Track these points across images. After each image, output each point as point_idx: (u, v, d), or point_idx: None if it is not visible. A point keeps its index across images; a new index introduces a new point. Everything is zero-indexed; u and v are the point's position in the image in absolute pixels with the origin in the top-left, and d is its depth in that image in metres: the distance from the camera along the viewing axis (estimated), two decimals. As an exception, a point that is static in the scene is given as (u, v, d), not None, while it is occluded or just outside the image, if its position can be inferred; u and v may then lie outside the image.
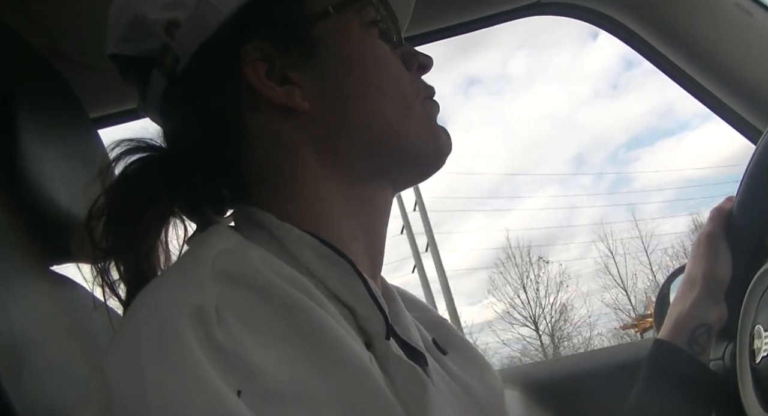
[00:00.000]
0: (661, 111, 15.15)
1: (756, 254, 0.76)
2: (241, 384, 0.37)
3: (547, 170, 27.40)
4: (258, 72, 0.54)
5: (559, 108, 20.48)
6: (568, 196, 14.69)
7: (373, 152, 0.56)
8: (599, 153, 26.99)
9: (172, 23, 0.54)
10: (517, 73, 21.00)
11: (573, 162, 25.02)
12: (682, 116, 14.98)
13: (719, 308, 0.77)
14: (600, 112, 24.35)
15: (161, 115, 0.60)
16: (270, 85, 0.54)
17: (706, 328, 0.77)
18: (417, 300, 0.68)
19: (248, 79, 0.54)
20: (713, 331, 0.77)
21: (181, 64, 0.55)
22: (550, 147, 20.80)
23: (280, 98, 0.54)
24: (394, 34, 0.60)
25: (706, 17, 1.04)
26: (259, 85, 0.54)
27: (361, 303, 0.50)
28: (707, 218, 0.81)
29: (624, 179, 14.00)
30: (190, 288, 0.42)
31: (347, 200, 0.56)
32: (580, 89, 21.67)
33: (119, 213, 0.54)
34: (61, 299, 0.72)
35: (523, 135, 20.53)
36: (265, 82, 0.54)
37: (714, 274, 0.77)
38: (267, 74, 0.55)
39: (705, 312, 0.77)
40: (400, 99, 0.57)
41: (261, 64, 0.54)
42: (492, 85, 21.21)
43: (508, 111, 20.02)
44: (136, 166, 0.57)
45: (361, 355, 0.43)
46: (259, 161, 0.56)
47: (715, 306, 0.77)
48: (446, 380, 0.58)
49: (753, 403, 0.67)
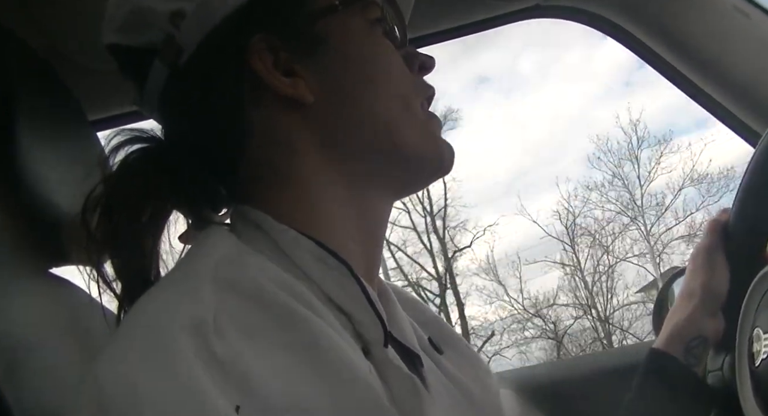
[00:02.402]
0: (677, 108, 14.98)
1: (753, 266, 0.76)
2: (239, 399, 0.37)
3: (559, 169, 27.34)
4: (265, 62, 0.54)
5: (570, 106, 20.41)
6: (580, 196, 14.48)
7: (372, 151, 0.56)
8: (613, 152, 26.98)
9: (177, 14, 0.54)
10: (528, 71, 20.97)
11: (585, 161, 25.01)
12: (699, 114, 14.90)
13: (716, 321, 0.77)
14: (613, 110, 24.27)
15: (161, 108, 0.59)
16: (277, 76, 0.54)
17: (702, 340, 0.77)
18: (413, 299, 0.68)
19: (255, 69, 0.54)
20: (709, 343, 0.77)
21: (185, 55, 0.55)
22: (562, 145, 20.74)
23: (286, 89, 0.54)
24: (399, 34, 0.60)
25: (705, 20, 1.04)
26: (267, 75, 0.54)
27: (359, 309, 0.50)
28: (704, 230, 0.82)
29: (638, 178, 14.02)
30: (187, 297, 0.42)
31: (346, 201, 0.56)
32: (592, 87, 21.59)
33: (118, 201, 0.53)
34: (59, 301, 0.71)
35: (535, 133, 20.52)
36: (272, 73, 0.54)
37: (711, 286, 0.78)
38: (273, 65, 0.54)
39: (701, 323, 0.77)
40: (401, 98, 0.57)
41: (267, 55, 0.54)
42: (502, 83, 21.16)
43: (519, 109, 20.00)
44: (138, 154, 0.56)
45: (359, 366, 0.43)
46: (258, 157, 0.55)
47: (712, 318, 0.77)
48: (442, 379, 0.58)
49: (752, 407, 0.67)
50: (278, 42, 0.55)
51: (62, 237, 0.70)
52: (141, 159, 0.56)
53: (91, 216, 0.53)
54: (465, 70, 18.69)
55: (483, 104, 18.89)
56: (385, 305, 0.56)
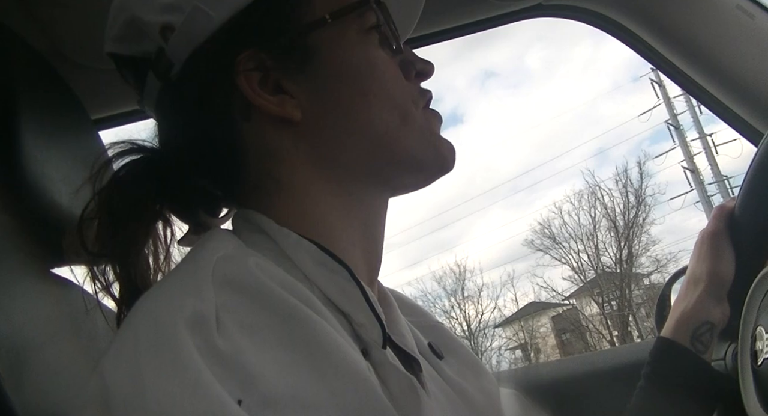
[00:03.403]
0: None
1: (758, 253, 0.76)
2: (241, 392, 0.37)
3: (567, 164, 27.29)
4: (250, 81, 0.54)
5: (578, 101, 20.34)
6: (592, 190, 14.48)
7: (369, 161, 0.56)
8: (621, 147, 26.87)
9: (167, 27, 0.54)
10: (535, 66, 20.90)
11: (594, 156, 24.83)
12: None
13: (722, 307, 0.77)
14: (621, 104, 24.14)
15: (156, 115, 0.60)
16: (262, 95, 0.54)
17: (709, 326, 0.77)
18: (414, 304, 0.68)
19: (241, 88, 0.53)
20: (716, 329, 0.77)
21: (175, 68, 0.55)
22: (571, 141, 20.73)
23: (272, 109, 0.54)
24: (394, 41, 0.59)
25: (708, 20, 1.04)
26: (251, 95, 0.53)
27: (358, 311, 0.50)
28: (710, 216, 0.81)
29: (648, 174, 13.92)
30: (189, 294, 0.42)
31: (344, 206, 0.56)
32: (600, 82, 21.49)
33: (108, 216, 0.54)
34: (62, 301, 0.71)
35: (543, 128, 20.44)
36: (257, 92, 0.54)
37: (717, 272, 0.77)
38: (260, 83, 0.54)
39: (708, 310, 0.77)
40: (398, 109, 0.56)
41: (254, 73, 0.54)
42: (509, 78, 21.09)
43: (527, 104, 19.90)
44: (127, 169, 0.57)
45: (358, 362, 0.43)
46: (254, 167, 0.55)
47: (719, 305, 0.77)
48: (441, 385, 0.58)
49: (754, 405, 0.67)
50: (267, 59, 0.54)
51: (64, 237, 0.70)
52: (131, 172, 0.56)
53: (87, 228, 0.54)
54: (472, 66, 18.66)
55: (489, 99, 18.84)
56: (385, 308, 0.56)
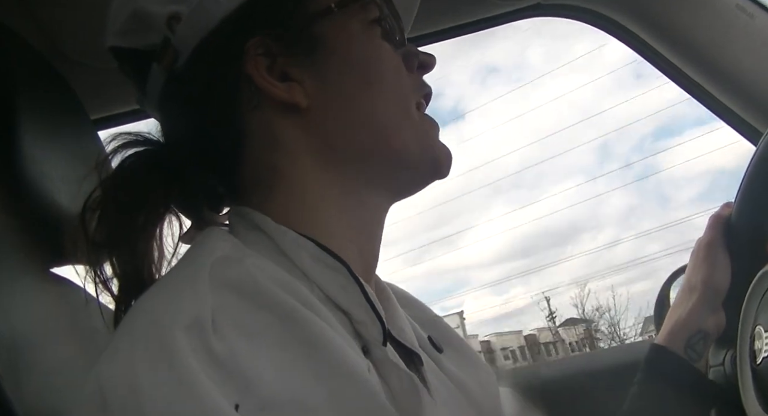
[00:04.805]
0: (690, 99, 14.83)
1: (755, 259, 0.76)
2: (238, 397, 0.37)
3: (570, 160, 27.33)
4: (259, 67, 0.54)
5: (581, 98, 20.40)
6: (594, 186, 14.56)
7: (369, 154, 0.56)
8: (624, 143, 26.93)
9: (174, 17, 0.54)
10: (537, 62, 20.98)
11: (597, 153, 24.92)
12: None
13: (717, 316, 0.78)
14: (624, 101, 24.16)
15: (159, 110, 0.60)
16: (271, 81, 0.54)
17: (703, 335, 0.77)
18: (413, 299, 0.68)
19: (249, 75, 0.54)
20: (710, 338, 0.78)
21: (182, 58, 0.55)
22: (573, 137, 20.75)
23: (281, 94, 0.54)
24: (397, 34, 0.60)
25: (708, 20, 1.04)
26: (260, 81, 0.54)
27: (358, 308, 0.50)
28: (706, 225, 0.81)
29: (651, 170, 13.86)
30: (186, 297, 0.42)
31: (343, 203, 0.56)
32: (603, 79, 21.57)
33: (115, 205, 0.54)
34: (61, 300, 0.71)
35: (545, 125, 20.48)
36: (266, 78, 0.54)
37: (713, 281, 0.78)
38: (268, 70, 0.54)
39: (702, 319, 0.77)
40: (399, 101, 0.57)
41: (262, 59, 0.54)
42: (511, 74, 21.20)
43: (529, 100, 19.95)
44: (133, 159, 0.57)
45: (358, 363, 0.43)
46: (256, 160, 0.55)
47: (713, 314, 0.78)
48: (442, 378, 0.58)
49: (753, 404, 0.67)
50: (275, 45, 0.55)
51: (63, 237, 0.70)
52: (137, 162, 0.56)
53: (90, 219, 0.54)
54: (474, 61, 18.72)
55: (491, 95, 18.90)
56: (384, 304, 0.56)
